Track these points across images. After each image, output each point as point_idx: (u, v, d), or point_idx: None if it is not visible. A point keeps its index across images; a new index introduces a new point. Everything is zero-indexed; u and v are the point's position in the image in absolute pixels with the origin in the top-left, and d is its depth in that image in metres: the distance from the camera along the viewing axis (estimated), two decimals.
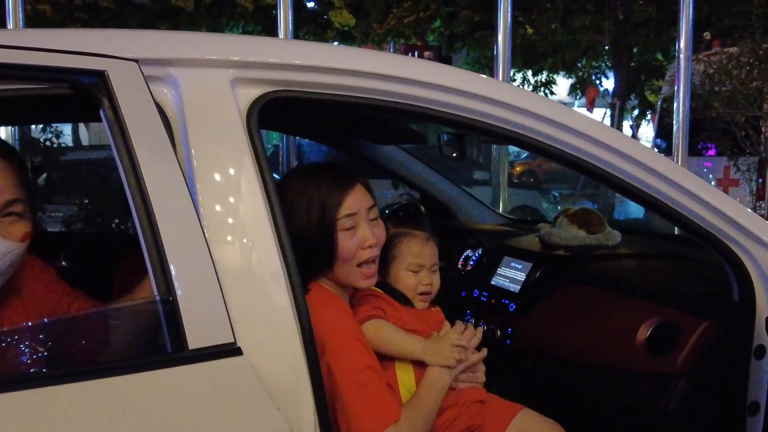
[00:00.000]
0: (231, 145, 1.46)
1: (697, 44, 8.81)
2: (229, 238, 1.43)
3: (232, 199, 1.45)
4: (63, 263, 2.65)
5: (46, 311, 1.79)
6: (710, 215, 1.79)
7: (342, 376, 1.69)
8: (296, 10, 22.94)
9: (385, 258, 2.08)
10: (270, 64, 1.56)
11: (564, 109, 1.83)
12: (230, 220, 1.44)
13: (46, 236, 3.93)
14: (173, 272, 1.33)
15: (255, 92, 1.51)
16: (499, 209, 5.47)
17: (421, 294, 2.14)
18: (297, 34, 24.51)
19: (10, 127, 5.36)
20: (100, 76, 1.39)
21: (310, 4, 24.22)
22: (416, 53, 26.64)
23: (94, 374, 1.31)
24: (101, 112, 1.38)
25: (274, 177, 1.51)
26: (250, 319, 1.40)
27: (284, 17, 4.85)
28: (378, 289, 2.05)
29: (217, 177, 1.45)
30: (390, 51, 26.86)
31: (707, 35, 10.38)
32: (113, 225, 4.42)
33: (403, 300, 2.07)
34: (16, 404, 1.21)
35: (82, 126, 22.81)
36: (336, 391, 1.68)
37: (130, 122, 1.38)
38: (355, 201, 1.79)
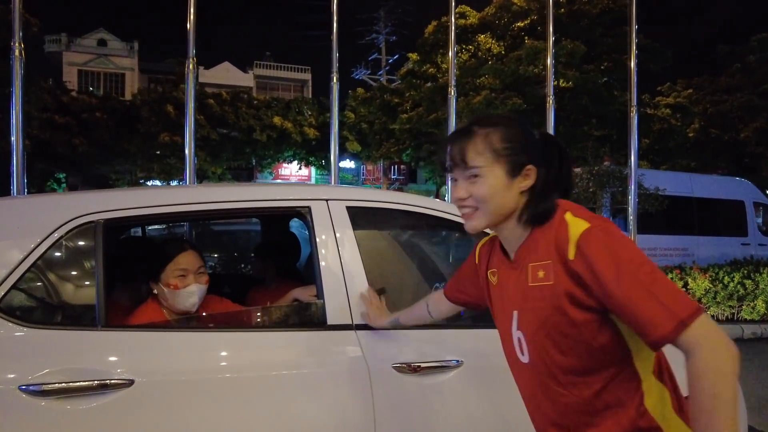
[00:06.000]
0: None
1: None
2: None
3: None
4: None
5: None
6: None
7: None
8: (327, 142, 23.68)
9: None
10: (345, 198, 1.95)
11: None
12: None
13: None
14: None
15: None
16: None
17: None
18: (325, 155, 25.02)
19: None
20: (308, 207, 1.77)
21: None
22: (397, 166, 27.20)
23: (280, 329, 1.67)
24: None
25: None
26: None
27: (334, 148, 5.04)
28: None
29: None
30: (381, 165, 27.44)
31: None
32: (246, 269, 4.30)
33: None
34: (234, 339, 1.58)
35: None
36: None
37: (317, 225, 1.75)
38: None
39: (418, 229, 2.23)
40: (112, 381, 1.40)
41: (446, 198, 6.62)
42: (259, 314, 1.86)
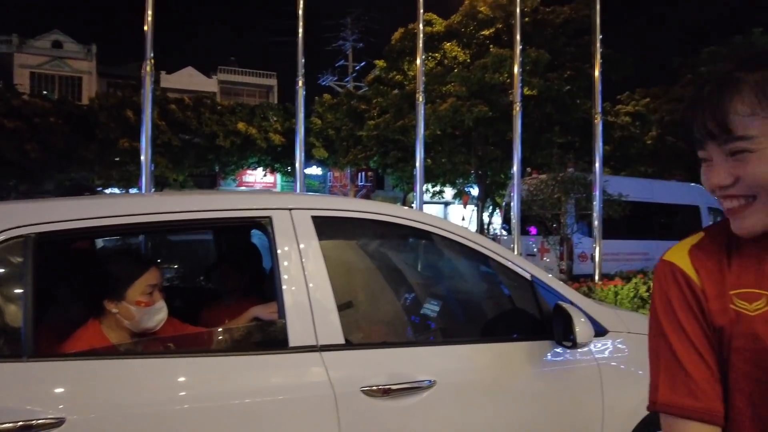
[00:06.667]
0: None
1: (524, 173, 9.31)
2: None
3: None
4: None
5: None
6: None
7: None
8: (293, 149, 23.30)
9: None
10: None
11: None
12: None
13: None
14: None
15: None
16: None
17: None
18: (291, 161, 24.68)
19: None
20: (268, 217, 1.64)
21: None
22: (364, 173, 27.08)
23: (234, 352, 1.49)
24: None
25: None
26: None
27: (300, 155, 4.88)
28: None
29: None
30: (348, 172, 27.22)
31: (529, 169, 11.08)
32: (200, 284, 4.03)
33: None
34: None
35: None
36: None
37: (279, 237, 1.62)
38: None
39: (389, 239, 2.11)
40: (38, 421, 1.22)
41: (414, 205, 6.55)
42: (213, 336, 1.70)
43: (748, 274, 0.72)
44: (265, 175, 27.00)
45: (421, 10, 6.42)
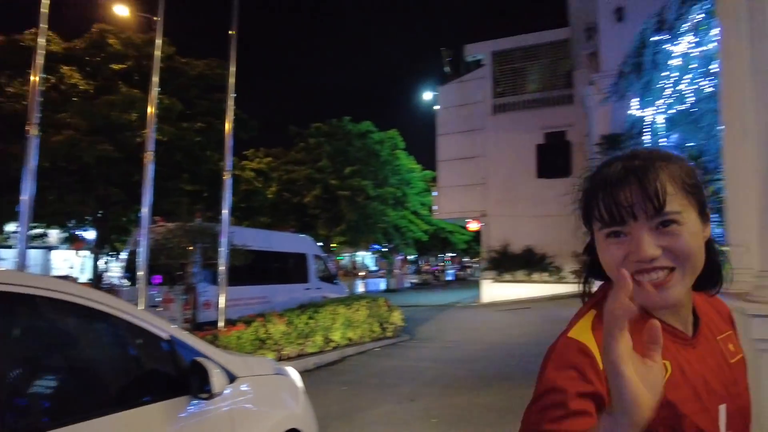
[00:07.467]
0: None
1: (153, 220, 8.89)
2: None
3: None
4: None
5: None
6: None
7: None
8: None
9: None
10: None
11: None
12: None
13: None
14: None
15: None
16: None
17: None
18: None
19: None
20: None
21: None
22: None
23: None
24: None
25: None
26: None
27: None
28: None
29: None
30: None
31: (156, 217, 10.65)
32: None
33: None
34: None
35: None
36: None
37: None
38: None
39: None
40: None
41: (17, 249, 5.51)
42: None
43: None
44: None
45: (45, 25, 5.62)
